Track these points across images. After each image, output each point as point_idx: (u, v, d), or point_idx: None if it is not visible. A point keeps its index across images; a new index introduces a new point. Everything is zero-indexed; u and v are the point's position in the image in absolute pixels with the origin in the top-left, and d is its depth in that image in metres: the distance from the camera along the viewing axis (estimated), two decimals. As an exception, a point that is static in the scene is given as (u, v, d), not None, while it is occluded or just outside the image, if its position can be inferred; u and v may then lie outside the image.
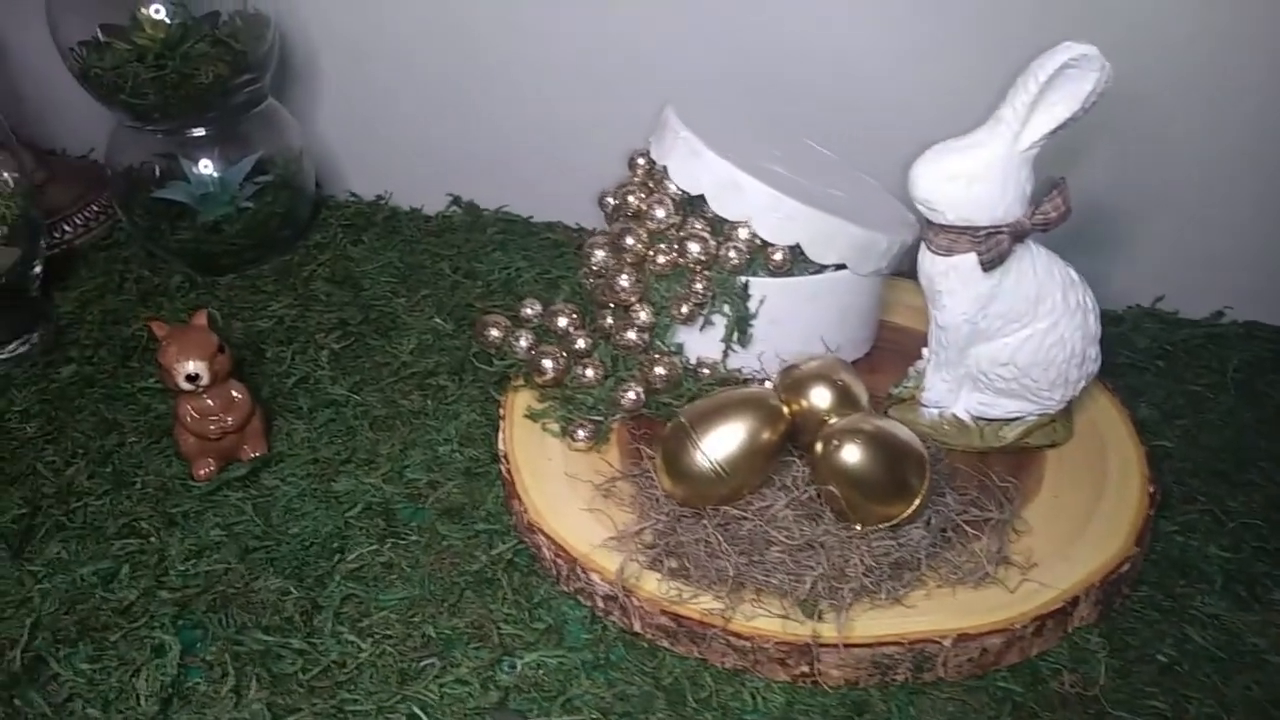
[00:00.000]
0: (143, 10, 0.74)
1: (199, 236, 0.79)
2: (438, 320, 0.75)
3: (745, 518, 0.51)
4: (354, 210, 0.89)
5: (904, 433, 0.51)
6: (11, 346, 0.72)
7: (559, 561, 0.53)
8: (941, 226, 0.53)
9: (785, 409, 0.52)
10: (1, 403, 0.68)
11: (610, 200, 0.66)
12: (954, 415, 0.58)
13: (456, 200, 0.90)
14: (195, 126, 0.78)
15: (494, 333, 0.66)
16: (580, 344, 0.64)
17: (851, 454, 0.49)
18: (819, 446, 0.50)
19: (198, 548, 0.57)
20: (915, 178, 0.53)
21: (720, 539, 0.50)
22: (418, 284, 0.80)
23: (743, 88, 0.77)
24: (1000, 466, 0.57)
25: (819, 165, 0.66)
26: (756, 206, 0.58)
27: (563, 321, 0.65)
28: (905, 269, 0.62)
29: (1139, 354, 0.71)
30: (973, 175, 0.51)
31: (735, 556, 0.50)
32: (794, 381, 0.54)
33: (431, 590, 0.55)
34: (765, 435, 0.51)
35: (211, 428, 0.60)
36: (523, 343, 0.65)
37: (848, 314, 0.63)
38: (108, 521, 0.59)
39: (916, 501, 0.50)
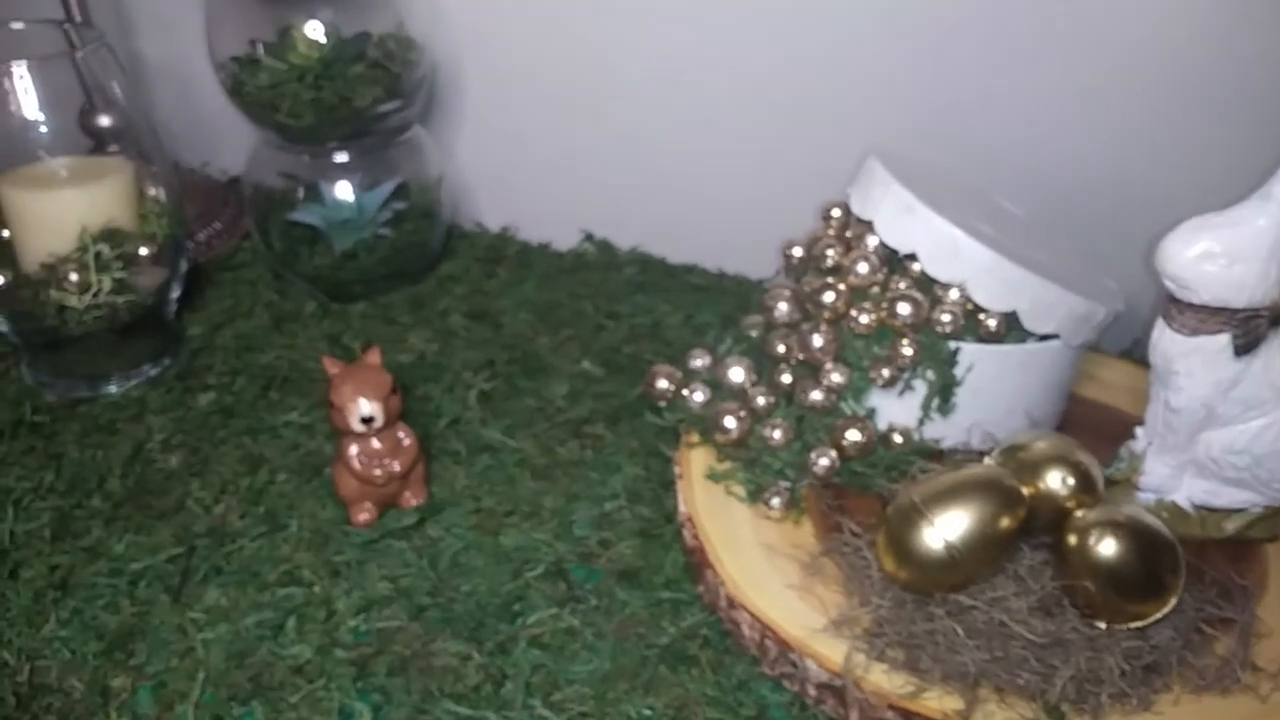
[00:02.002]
0: (298, 29, 0.72)
1: (335, 262, 0.76)
2: (586, 364, 0.72)
3: (977, 608, 0.48)
4: (484, 242, 0.87)
5: (1157, 524, 0.47)
6: (145, 369, 0.69)
7: (767, 643, 0.49)
8: (1190, 305, 0.50)
9: (1024, 493, 0.49)
10: (140, 430, 0.65)
11: (797, 251, 0.63)
12: (1173, 502, 0.55)
13: (590, 237, 0.87)
14: (340, 150, 0.75)
15: (664, 384, 0.63)
16: (760, 401, 0.60)
17: (1109, 548, 0.46)
18: (1072, 539, 0.47)
19: (365, 601, 0.54)
20: (1168, 254, 0.49)
21: (958, 631, 0.46)
22: (558, 323, 0.77)
23: (911, 139, 0.74)
24: (1219, 559, 0.54)
25: (1016, 226, 0.63)
26: (975, 270, 0.55)
27: (737, 376, 0.62)
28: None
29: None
30: (1235, 254, 0.48)
31: (974, 651, 0.46)
32: (1025, 463, 0.50)
33: (622, 663, 0.51)
34: (1004, 522, 0.48)
35: (377, 472, 0.57)
36: (698, 397, 0.62)
37: (1050, 386, 0.59)
38: (265, 567, 0.56)
39: (1173, 600, 0.46)
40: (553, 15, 0.80)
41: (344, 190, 0.76)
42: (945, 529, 0.47)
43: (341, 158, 0.75)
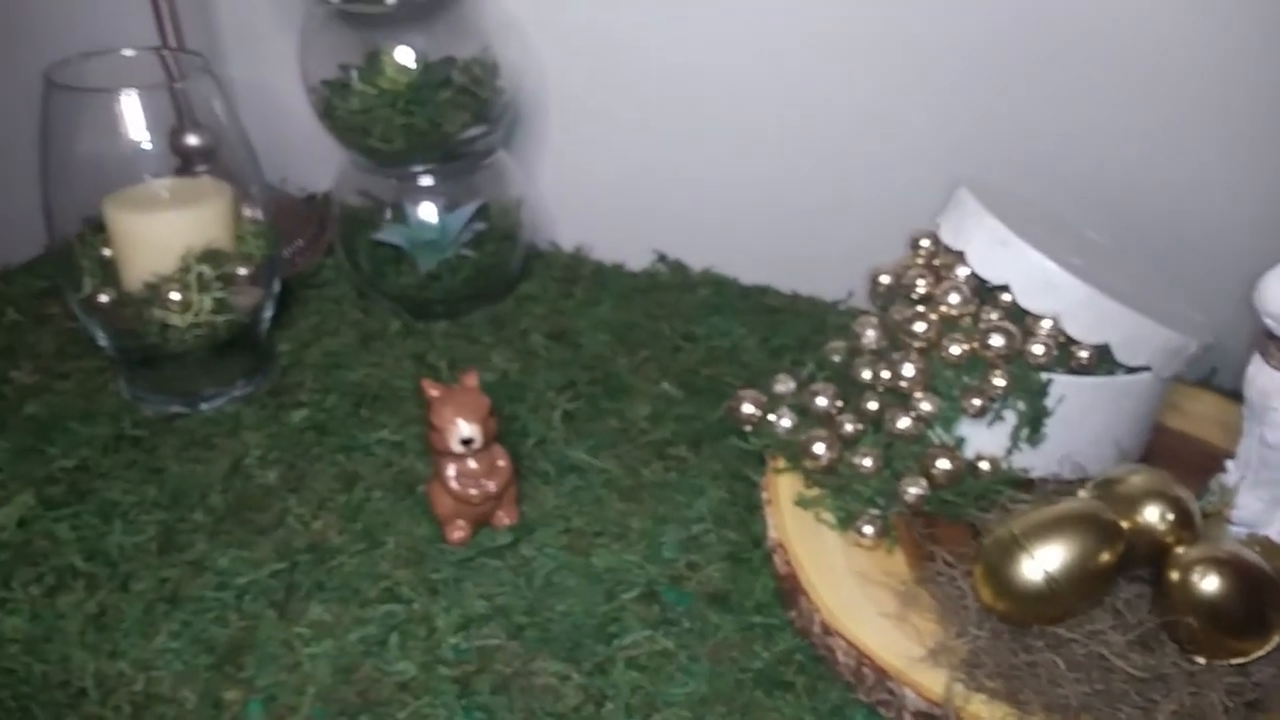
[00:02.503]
0: (387, 54, 0.73)
1: (420, 282, 0.78)
2: (665, 385, 0.73)
3: (1076, 641, 0.48)
4: (560, 262, 0.88)
5: (1260, 561, 0.48)
6: (238, 385, 0.71)
7: (864, 670, 0.50)
8: (1289, 342, 0.50)
9: (1123, 527, 0.49)
10: (236, 445, 0.67)
11: (884, 279, 0.63)
12: (1266, 537, 0.55)
13: (663, 258, 0.88)
14: (425, 174, 0.76)
15: (749, 408, 0.64)
16: (848, 428, 0.61)
17: (1212, 584, 0.46)
18: (1174, 575, 0.47)
19: (464, 619, 0.55)
20: (1269, 292, 0.50)
21: (1058, 663, 0.47)
22: (635, 344, 0.78)
23: (988, 166, 0.74)
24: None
25: (1102, 256, 0.63)
26: (1069, 303, 0.56)
27: (822, 402, 0.62)
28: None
29: None
30: (1339, 293, 0.48)
31: (1075, 684, 0.46)
32: (1122, 497, 0.50)
33: (717, 687, 0.52)
34: (1104, 556, 0.48)
35: (473, 492, 0.58)
36: (784, 422, 0.62)
37: (1139, 417, 0.60)
38: (365, 583, 0.57)
39: (1276, 637, 0.47)
40: (629, 38, 0.81)
41: (428, 212, 0.78)
42: (1045, 562, 0.48)
43: (426, 181, 0.77)
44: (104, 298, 0.66)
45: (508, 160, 0.81)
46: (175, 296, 0.65)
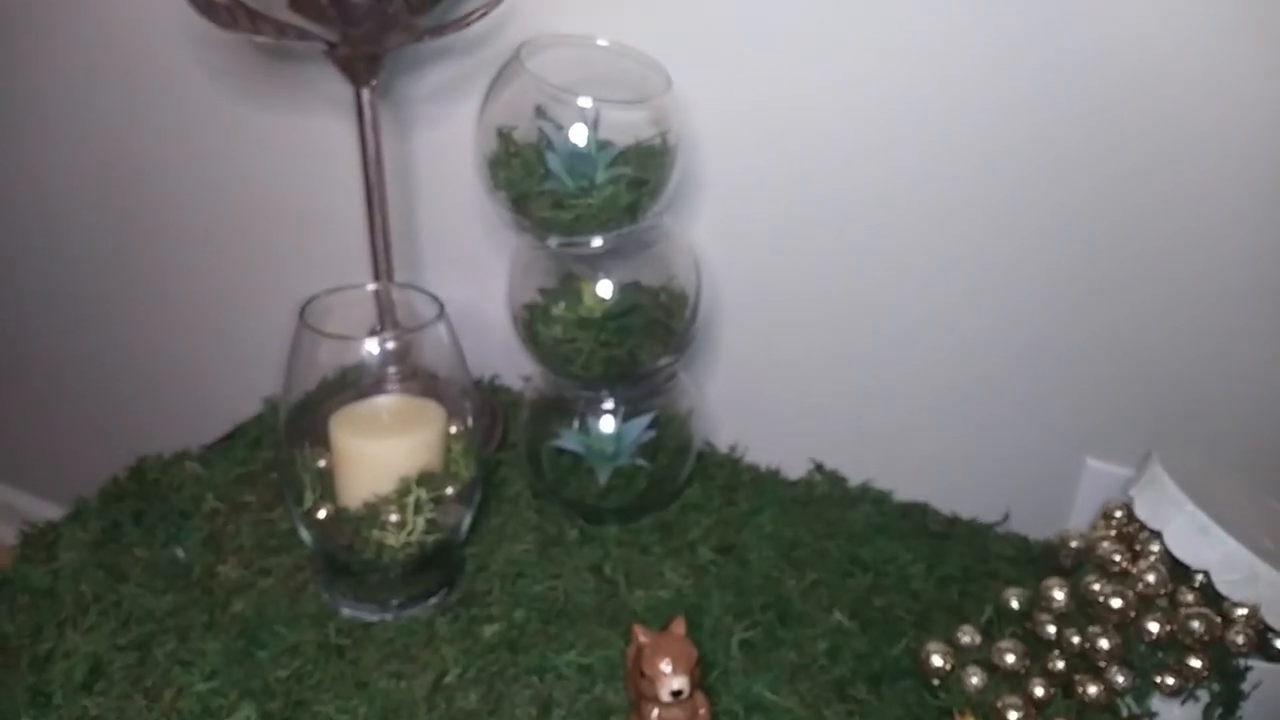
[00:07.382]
0: (585, 282, 0.78)
1: (599, 491, 0.81)
2: (838, 615, 0.75)
3: None
4: (719, 464, 0.91)
5: None
6: (432, 593, 0.74)
7: None
8: None
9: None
10: (435, 659, 0.70)
11: (1074, 543, 0.65)
12: None
13: (820, 468, 0.91)
14: (609, 397, 0.81)
15: (938, 661, 0.66)
16: (1039, 691, 0.62)
17: None
18: None
19: None
20: None
21: None
22: (803, 563, 0.80)
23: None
24: None
25: (1287, 531, 0.65)
26: (1272, 596, 0.57)
27: (1010, 659, 0.64)
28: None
29: None
30: None
31: None
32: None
33: None
34: None
35: (675, 739, 0.60)
36: (974, 680, 0.64)
37: (1333, 703, 0.60)
38: (572, 825, 0.59)
39: None
40: (804, 262, 0.86)
41: (607, 424, 0.82)
42: None
43: (609, 404, 0.81)
44: (323, 513, 0.71)
45: (686, 380, 0.85)
46: (394, 518, 0.69)
